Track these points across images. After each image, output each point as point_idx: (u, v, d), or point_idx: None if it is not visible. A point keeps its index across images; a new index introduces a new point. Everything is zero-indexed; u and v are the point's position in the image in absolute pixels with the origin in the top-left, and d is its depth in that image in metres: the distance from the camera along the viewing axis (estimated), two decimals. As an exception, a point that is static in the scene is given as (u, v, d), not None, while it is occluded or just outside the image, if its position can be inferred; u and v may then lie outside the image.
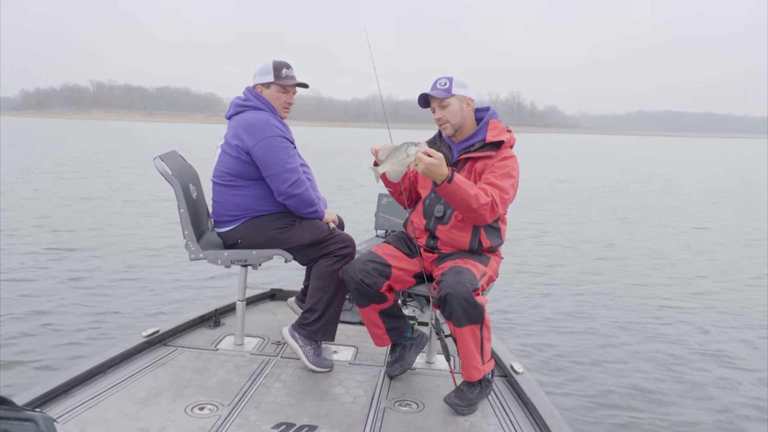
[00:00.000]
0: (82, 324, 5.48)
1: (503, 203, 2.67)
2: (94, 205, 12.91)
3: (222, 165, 3.05)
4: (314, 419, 2.50)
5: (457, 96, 2.78)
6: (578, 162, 34.98)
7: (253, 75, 3.14)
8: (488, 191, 2.62)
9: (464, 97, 2.80)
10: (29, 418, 1.22)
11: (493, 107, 2.89)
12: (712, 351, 5.39)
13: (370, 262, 2.79)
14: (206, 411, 2.53)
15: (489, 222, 2.69)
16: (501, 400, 2.77)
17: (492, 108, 2.89)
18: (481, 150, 2.78)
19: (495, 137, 2.78)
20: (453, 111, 2.80)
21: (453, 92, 2.77)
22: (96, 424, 2.37)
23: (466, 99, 2.81)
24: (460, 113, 2.80)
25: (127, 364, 2.96)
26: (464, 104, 2.81)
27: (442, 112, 2.81)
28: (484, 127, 2.83)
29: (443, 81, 2.80)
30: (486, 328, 2.60)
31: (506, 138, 2.80)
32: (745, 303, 6.99)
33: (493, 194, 2.61)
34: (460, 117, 2.81)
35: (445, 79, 2.80)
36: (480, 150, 2.78)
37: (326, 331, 3.03)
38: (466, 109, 2.82)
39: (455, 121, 2.82)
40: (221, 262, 3.09)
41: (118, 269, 7.46)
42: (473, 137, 2.83)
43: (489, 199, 2.58)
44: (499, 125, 2.85)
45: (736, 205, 16.89)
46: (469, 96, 2.82)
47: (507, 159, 2.76)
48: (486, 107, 2.89)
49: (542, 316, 6.19)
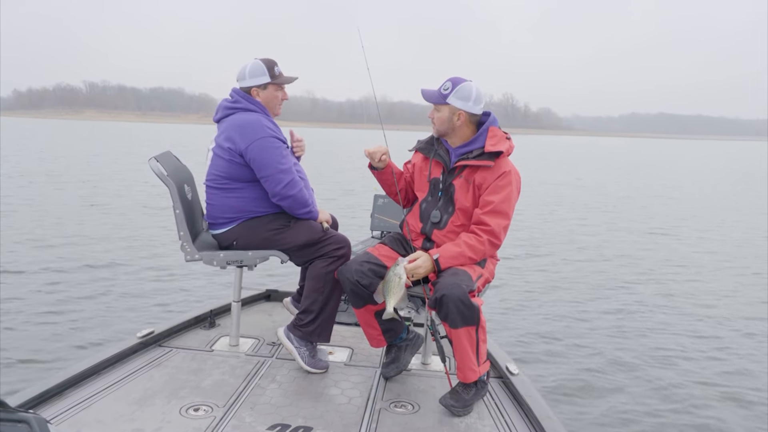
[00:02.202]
0: (77, 325, 5.46)
1: (501, 234, 2.71)
2: (88, 205, 12.85)
3: (215, 168, 3.03)
4: (309, 420, 2.50)
5: (450, 106, 2.76)
6: (568, 164, 35.17)
7: (241, 77, 3.08)
8: (482, 236, 2.68)
9: (457, 109, 2.76)
10: (22, 419, 1.21)
11: (493, 113, 2.86)
12: (709, 351, 5.43)
13: (366, 263, 2.78)
14: (201, 412, 2.53)
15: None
16: (496, 402, 2.78)
17: (492, 114, 2.85)
18: (479, 158, 2.75)
19: (493, 147, 2.74)
20: (441, 118, 2.79)
21: (447, 101, 2.75)
22: (90, 425, 2.36)
23: (458, 112, 2.76)
24: (447, 123, 2.79)
25: (122, 364, 2.94)
26: (455, 116, 2.77)
27: (433, 113, 2.82)
28: (483, 134, 2.80)
29: (447, 85, 2.78)
30: (482, 330, 2.60)
31: (505, 148, 2.76)
32: (738, 302, 7.05)
33: (487, 235, 2.68)
34: (447, 126, 2.80)
35: (449, 83, 2.77)
36: (478, 158, 2.75)
37: (322, 332, 3.03)
38: (455, 122, 2.78)
39: (441, 128, 2.82)
40: (217, 263, 3.08)
41: (112, 270, 7.43)
42: (471, 144, 2.81)
43: (483, 248, 2.69)
44: (499, 133, 2.81)
45: (727, 205, 17.03)
46: (464, 110, 2.76)
47: (506, 176, 2.72)
48: (487, 112, 2.85)
49: (538, 318, 6.21)
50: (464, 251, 2.66)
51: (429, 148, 2.95)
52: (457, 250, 2.67)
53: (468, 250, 2.67)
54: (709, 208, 16.42)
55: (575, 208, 15.54)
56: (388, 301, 2.62)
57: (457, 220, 2.80)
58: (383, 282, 2.64)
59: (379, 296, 2.66)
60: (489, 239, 2.68)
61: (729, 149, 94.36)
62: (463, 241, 2.69)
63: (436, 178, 2.89)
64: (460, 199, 2.78)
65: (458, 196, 2.79)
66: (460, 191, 2.79)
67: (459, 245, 2.68)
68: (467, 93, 2.75)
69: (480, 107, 2.79)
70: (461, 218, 2.80)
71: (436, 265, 2.65)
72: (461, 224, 2.80)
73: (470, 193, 2.77)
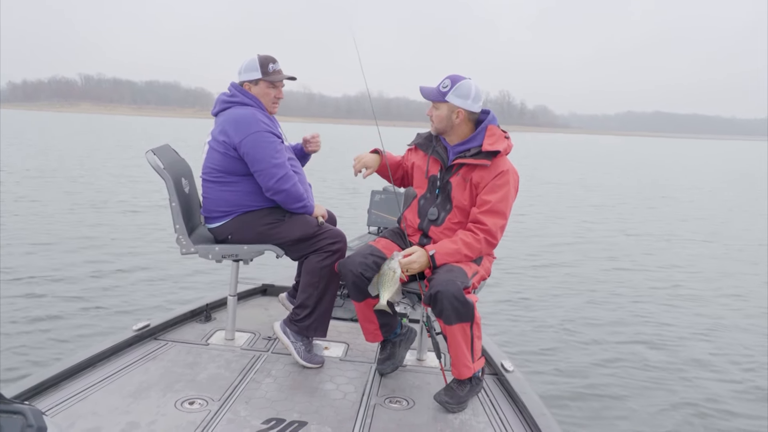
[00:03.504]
0: (72, 317, 5.46)
1: (498, 233, 2.72)
2: (84, 198, 12.81)
3: (210, 161, 3.04)
4: (304, 415, 2.51)
5: (449, 104, 2.75)
6: (567, 163, 35.19)
7: (238, 72, 3.10)
8: (478, 235, 2.68)
9: (456, 107, 2.75)
10: (18, 410, 1.21)
11: (492, 111, 2.85)
12: (706, 348, 5.47)
13: (371, 256, 2.78)
14: (196, 405, 2.53)
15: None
16: (491, 398, 2.79)
17: (492, 112, 2.84)
18: (477, 157, 2.74)
19: (491, 146, 2.73)
20: (440, 116, 2.79)
21: (446, 99, 2.74)
22: (85, 418, 2.36)
23: (457, 110, 2.75)
24: (446, 120, 2.78)
25: (117, 357, 2.95)
26: (453, 114, 2.76)
27: (432, 111, 2.82)
28: (481, 133, 2.79)
29: (446, 83, 2.76)
30: (476, 326, 2.61)
31: (503, 147, 2.76)
32: (735, 300, 7.08)
33: (484, 234, 2.68)
34: (446, 124, 2.79)
35: (448, 81, 2.76)
36: (475, 157, 2.74)
37: (317, 327, 3.03)
38: (454, 120, 2.77)
39: (439, 126, 2.82)
40: (212, 256, 3.08)
41: (108, 263, 7.42)
42: (469, 142, 2.80)
43: (479, 246, 2.69)
44: (497, 131, 2.80)
45: (724, 205, 17.08)
46: (463, 108, 2.75)
47: (504, 175, 2.72)
48: (486, 110, 2.84)
49: (534, 315, 6.23)
50: (460, 248, 2.67)
51: (427, 145, 2.95)
52: (453, 247, 2.67)
53: (464, 247, 2.67)
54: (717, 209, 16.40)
55: (575, 207, 15.57)
56: (382, 294, 2.63)
57: (455, 217, 2.81)
58: (378, 275, 2.65)
59: (374, 289, 2.67)
60: (486, 238, 2.69)
61: (725, 149, 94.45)
62: (459, 239, 2.69)
63: (433, 175, 2.89)
64: (458, 197, 2.79)
65: (455, 194, 2.79)
66: (457, 189, 2.79)
67: (456, 242, 2.68)
68: (466, 91, 2.74)
69: (479, 105, 2.79)
70: (459, 216, 2.80)
71: (431, 261, 2.66)
72: (459, 221, 2.81)
73: (467, 192, 2.77)
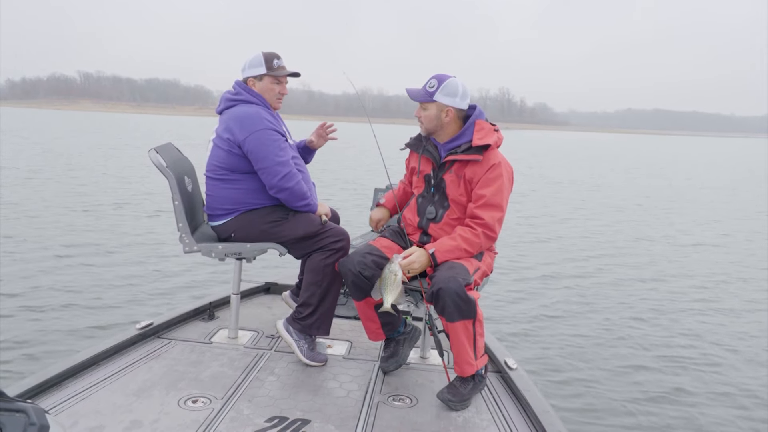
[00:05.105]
0: (75, 316, 5.46)
1: (496, 226, 2.71)
2: (86, 197, 12.80)
3: (214, 159, 3.05)
4: (307, 413, 2.51)
5: (437, 103, 2.74)
6: (565, 162, 35.19)
7: (242, 68, 3.11)
8: (476, 229, 2.68)
9: (444, 106, 2.74)
10: (21, 409, 1.21)
11: (479, 106, 2.84)
12: (711, 349, 5.46)
13: (369, 255, 2.78)
14: (199, 404, 2.53)
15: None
16: (494, 396, 2.79)
17: (478, 107, 2.84)
18: (467, 153, 2.74)
19: (481, 140, 2.73)
20: (429, 116, 2.78)
21: (434, 98, 2.74)
22: (88, 416, 2.36)
23: (446, 109, 2.75)
24: (435, 120, 2.78)
25: (121, 356, 2.95)
26: (443, 113, 2.76)
27: (420, 112, 2.81)
28: (470, 128, 2.79)
29: (432, 83, 2.75)
30: (479, 324, 2.61)
31: (493, 140, 2.76)
32: (737, 298, 7.08)
33: (482, 228, 2.68)
34: (435, 124, 2.79)
35: (434, 81, 2.75)
36: (466, 152, 2.74)
37: (321, 326, 3.03)
38: (443, 119, 2.76)
39: (429, 126, 2.81)
40: (215, 255, 3.08)
41: (111, 261, 7.42)
42: (459, 138, 2.80)
43: (478, 241, 2.69)
44: (486, 125, 2.80)
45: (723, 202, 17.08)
46: (451, 106, 2.74)
47: (496, 168, 2.71)
48: (473, 105, 2.83)
49: (537, 312, 6.23)
50: (460, 244, 2.67)
51: (418, 145, 2.96)
52: (453, 243, 2.67)
53: (464, 243, 2.67)
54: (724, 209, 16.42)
55: (575, 206, 15.56)
56: (386, 298, 2.63)
57: (453, 213, 2.81)
58: (380, 279, 2.66)
59: (377, 293, 2.68)
60: (484, 232, 2.69)
61: (725, 146, 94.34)
62: (458, 235, 2.69)
63: (427, 174, 2.89)
64: (453, 194, 2.79)
65: (450, 191, 2.80)
66: (451, 186, 2.79)
67: (455, 239, 2.68)
68: (454, 89, 2.74)
69: (467, 102, 2.79)
70: (457, 212, 2.80)
71: (432, 259, 2.66)
72: (457, 218, 2.81)
73: (462, 188, 2.77)
